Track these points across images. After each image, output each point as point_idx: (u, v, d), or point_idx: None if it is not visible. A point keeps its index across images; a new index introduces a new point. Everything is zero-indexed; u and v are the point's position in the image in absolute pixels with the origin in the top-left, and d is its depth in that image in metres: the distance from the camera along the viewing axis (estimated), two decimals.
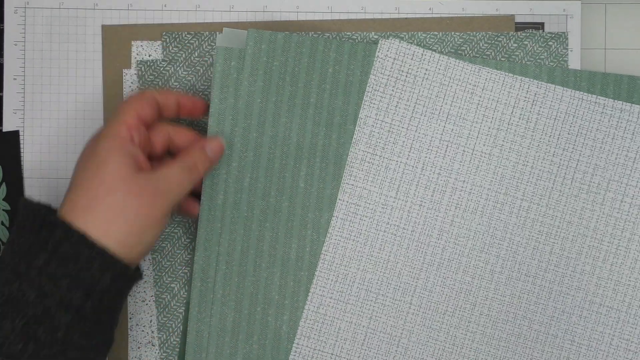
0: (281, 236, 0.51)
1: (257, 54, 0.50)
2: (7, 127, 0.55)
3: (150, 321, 0.54)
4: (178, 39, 0.54)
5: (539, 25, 0.55)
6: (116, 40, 0.55)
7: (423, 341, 0.51)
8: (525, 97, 0.51)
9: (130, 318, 0.54)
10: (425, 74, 0.51)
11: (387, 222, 0.51)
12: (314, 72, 0.51)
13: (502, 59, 0.54)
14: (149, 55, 0.55)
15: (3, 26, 0.55)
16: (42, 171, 0.55)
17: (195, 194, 0.51)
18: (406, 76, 0.51)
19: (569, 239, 0.51)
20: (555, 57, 0.54)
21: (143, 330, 0.54)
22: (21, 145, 0.55)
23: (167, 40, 0.54)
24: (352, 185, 0.51)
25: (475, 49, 0.54)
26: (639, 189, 0.51)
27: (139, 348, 0.54)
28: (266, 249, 0.51)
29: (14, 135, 0.55)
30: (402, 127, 0.51)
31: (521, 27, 0.55)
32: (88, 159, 0.44)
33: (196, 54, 0.54)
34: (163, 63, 0.54)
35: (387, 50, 0.51)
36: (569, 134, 0.51)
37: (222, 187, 0.50)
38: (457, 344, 0.51)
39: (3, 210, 0.54)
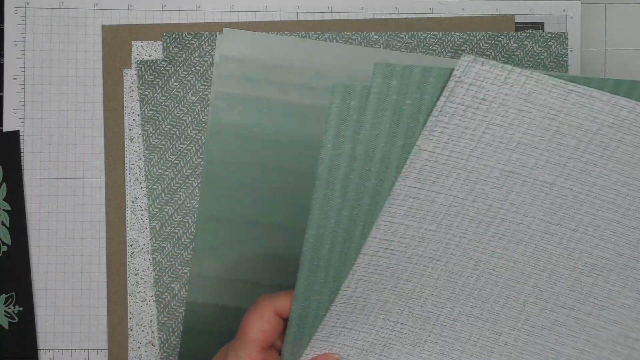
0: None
1: (385, 92, 0.42)
2: (7, 127, 0.55)
3: (150, 321, 0.54)
4: (178, 39, 0.54)
5: (539, 25, 0.55)
6: (116, 40, 0.55)
7: None
8: (611, 123, 0.44)
9: (130, 318, 0.54)
10: (503, 99, 0.43)
11: (421, 255, 0.45)
12: None
13: (502, 59, 0.54)
14: (149, 55, 0.55)
15: (3, 26, 0.55)
16: (42, 171, 0.55)
17: None
18: (480, 103, 0.43)
19: (615, 271, 0.47)
20: (555, 57, 0.54)
21: (143, 330, 0.54)
22: (21, 145, 0.55)
23: (167, 40, 0.54)
24: (389, 222, 0.44)
25: (475, 49, 0.54)
26: None
27: (139, 348, 0.54)
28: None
29: (14, 135, 0.55)
30: (461, 159, 0.44)
31: (521, 27, 0.55)
32: None
33: (196, 54, 0.54)
34: (163, 63, 0.54)
35: (463, 74, 0.42)
36: None
37: (330, 237, 0.44)
38: None
39: (3, 210, 0.54)
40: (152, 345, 0.54)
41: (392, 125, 0.43)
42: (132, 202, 0.54)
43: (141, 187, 0.54)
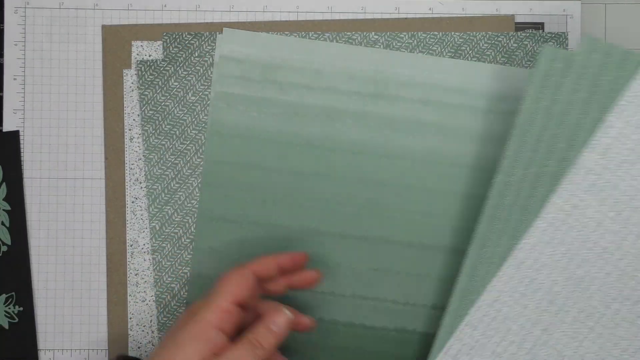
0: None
1: (587, 64, 0.46)
2: (7, 127, 0.55)
3: (150, 321, 0.54)
4: (178, 39, 0.54)
5: (539, 25, 0.55)
6: (116, 40, 0.55)
7: None
8: None
9: (130, 318, 0.54)
10: None
11: (595, 242, 0.46)
12: None
13: (502, 59, 0.54)
14: (149, 55, 0.55)
15: (3, 26, 0.55)
16: (42, 171, 0.55)
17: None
18: None
19: None
20: None
21: (143, 330, 0.54)
22: (21, 145, 0.55)
23: (168, 40, 0.54)
24: (570, 192, 0.46)
25: (475, 49, 0.54)
26: None
27: (139, 348, 0.54)
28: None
29: (14, 135, 0.55)
30: None
31: (521, 27, 0.55)
32: (169, 340, 0.44)
33: (196, 54, 0.54)
34: (163, 63, 0.54)
35: None
36: None
37: (515, 189, 0.47)
38: None
39: (3, 210, 0.54)
40: (152, 345, 0.54)
41: (589, 95, 0.46)
42: (132, 202, 0.54)
43: (141, 187, 0.54)
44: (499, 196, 0.47)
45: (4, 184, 0.54)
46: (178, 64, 0.54)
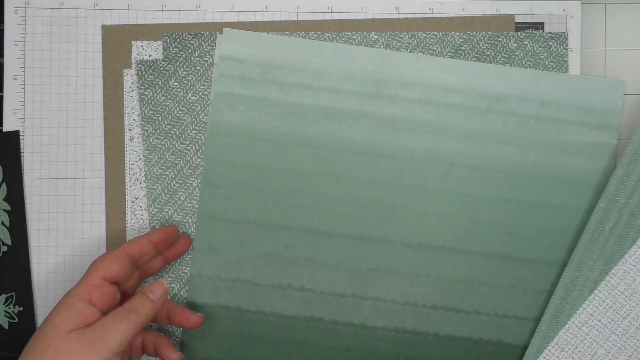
0: None
1: None
2: (7, 127, 0.55)
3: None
4: (178, 39, 0.54)
5: (539, 25, 0.55)
6: (116, 40, 0.55)
7: None
8: None
9: None
10: None
11: None
12: None
13: (502, 59, 0.54)
14: (149, 55, 0.55)
15: (3, 26, 0.55)
16: (42, 171, 0.55)
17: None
18: None
19: None
20: (555, 57, 0.54)
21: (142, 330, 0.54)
22: (21, 145, 0.55)
23: (168, 40, 0.54)
24: None
25: (475, 49, 0.54)
26: None
27: None
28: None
29: (14, 135, 0.55)
30: None
31: (521, 27, 0.55)
32: (44, 320, 0.46)
33: (196, 54, 0.54)
34: (163, 63, 0.54)
35: None
36: None
37: (615, 216, 0.49)
38: None
39: (3, 210, 0.54)
40: None
41: None
42: (132, 202, 0.54)
43: (141, 187, 0.54)
44: (598, 222, 0.49)
45: (4, 184, 0.54)
46: (178, 64, 0.54)
